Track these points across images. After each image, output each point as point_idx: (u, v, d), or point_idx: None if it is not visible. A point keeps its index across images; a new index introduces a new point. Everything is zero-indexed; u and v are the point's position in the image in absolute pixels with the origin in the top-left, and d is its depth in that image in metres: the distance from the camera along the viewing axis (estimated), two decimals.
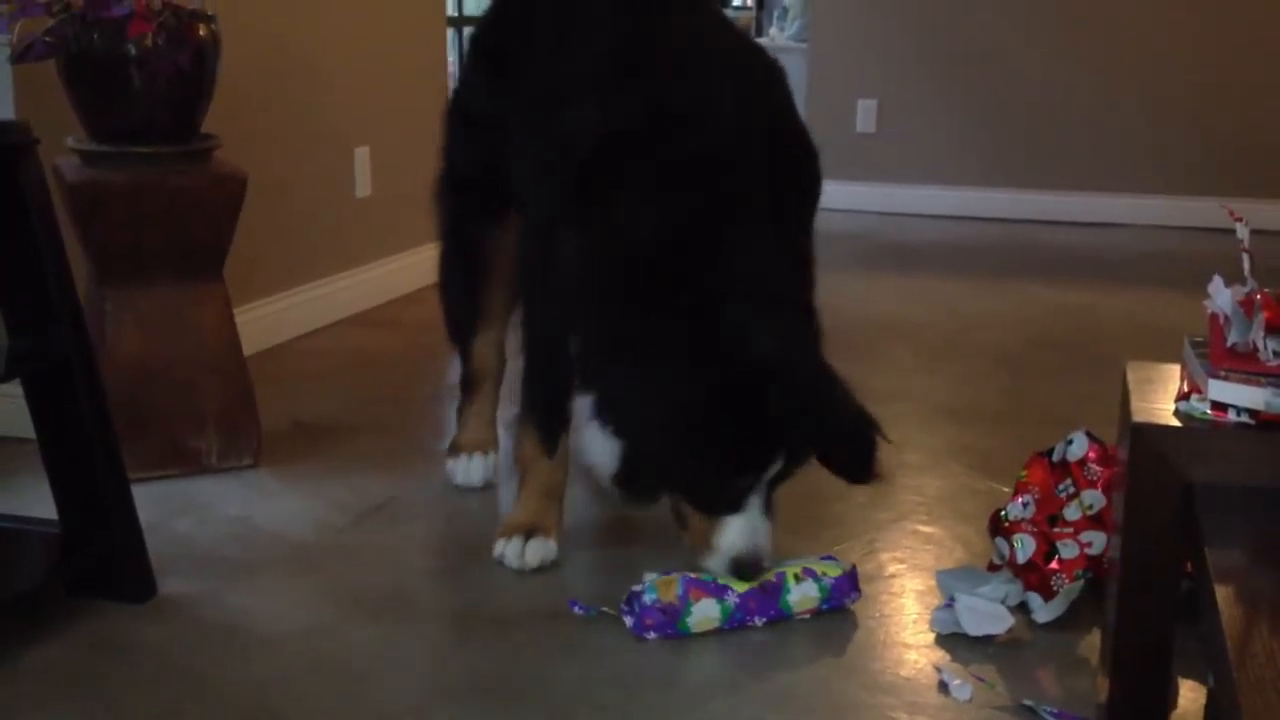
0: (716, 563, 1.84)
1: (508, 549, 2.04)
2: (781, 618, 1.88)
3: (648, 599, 1.82)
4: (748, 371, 1.74)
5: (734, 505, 1.81)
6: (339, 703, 1.68)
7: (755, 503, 1.82)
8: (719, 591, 1.84)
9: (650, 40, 1.97)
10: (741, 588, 1.85)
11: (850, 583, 1.92)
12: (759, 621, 1.87)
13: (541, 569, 2.03)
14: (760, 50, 2.14)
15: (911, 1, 5.65)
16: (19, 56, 2.22)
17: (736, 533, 1.81)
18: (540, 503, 2.08)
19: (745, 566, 1.82)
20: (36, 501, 2.09)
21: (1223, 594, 1.17)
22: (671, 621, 1.83)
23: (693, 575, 1.85)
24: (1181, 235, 5.16)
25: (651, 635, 1.82)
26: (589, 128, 1.90)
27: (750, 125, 1.88)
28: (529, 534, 2.04)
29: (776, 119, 1.95)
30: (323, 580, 2.02)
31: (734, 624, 1.86)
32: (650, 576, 1.86)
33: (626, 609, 1.85)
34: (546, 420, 2.05)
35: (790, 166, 1.92)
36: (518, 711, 1.66)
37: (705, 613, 1.84)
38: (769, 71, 2.01)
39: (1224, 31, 5.34)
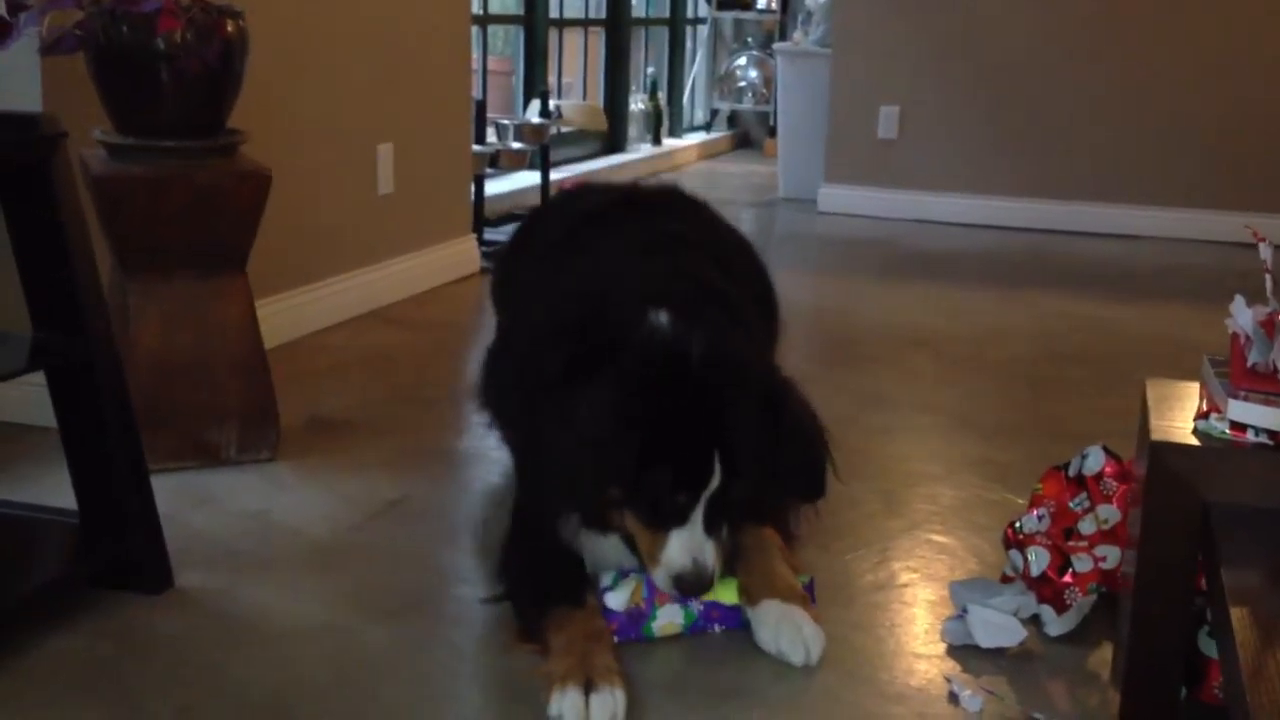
0: (659, 578, 1.76)
1: (565, 706, 1.62)
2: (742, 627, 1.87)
3: (613, 603, 1.81)
4: (681, 383, 1.71)
5: (678, 518, 1.74)
6: (352, 698, 1.69)
7: (698, 520, 1.74)
8: (684, 598, 1.83)
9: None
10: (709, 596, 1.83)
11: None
12: (718, 629, 1.86)
13: None
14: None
15: (934, 9, 5.65)
16: (48, 49, 2.24)
17: (678, 549, 1.73)
18: (585, 645, 1.71)
19: (687, 582, 1.74)
20: (56, 491, 2.11)
21: (1237, 615, 1.17)
22: (636, 625, 1.82)
23: None
24: (1208, 249, 5.14)
25: (614, 639, 1.79)
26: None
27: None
28: (587, 685, 1.64)
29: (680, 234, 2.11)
30: (337, 576, 2.03)
31: (695, 630, 1.86)
32: (609, 575, 1.84)
33: None
34: (553, 579, 1.83)
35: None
36: (527, 713, 1.66)
37: (670, 617, 1.84)
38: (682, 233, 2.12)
39: (1251, 42, 5.32)
